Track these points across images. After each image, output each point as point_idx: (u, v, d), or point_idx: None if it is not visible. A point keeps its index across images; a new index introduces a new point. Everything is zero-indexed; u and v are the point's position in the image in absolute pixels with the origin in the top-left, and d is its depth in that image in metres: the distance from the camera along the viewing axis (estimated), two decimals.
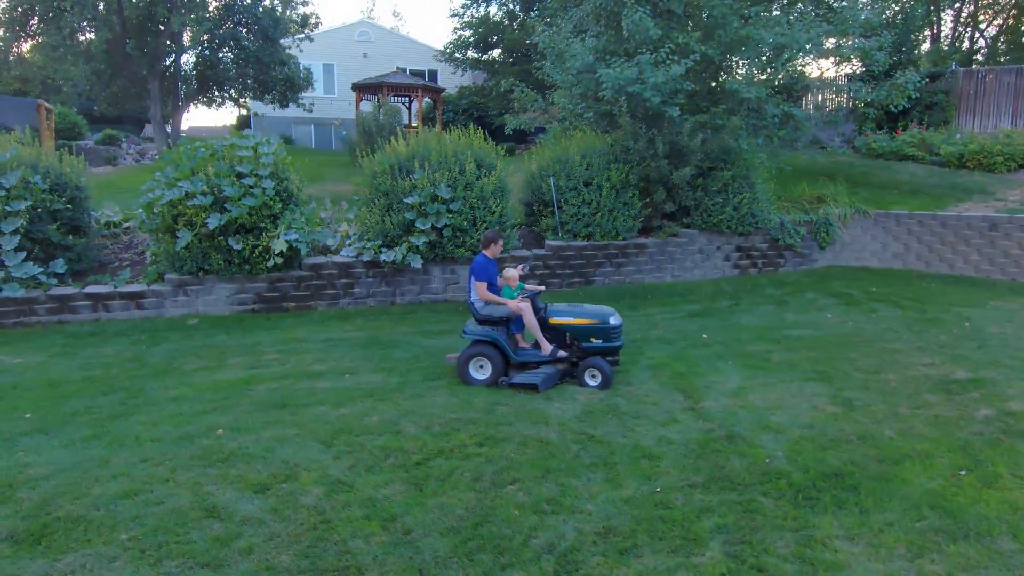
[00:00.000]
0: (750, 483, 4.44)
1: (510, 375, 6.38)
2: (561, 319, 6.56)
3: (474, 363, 6.41)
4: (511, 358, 6.44)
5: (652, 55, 9.90)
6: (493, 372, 6.35)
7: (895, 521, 3.97)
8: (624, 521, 3.99)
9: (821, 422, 5.48)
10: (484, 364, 6.39)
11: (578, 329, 6.49)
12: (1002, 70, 18.43)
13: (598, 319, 6.46)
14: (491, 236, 6.76)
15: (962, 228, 11.90)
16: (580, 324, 6.48)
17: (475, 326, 6.57)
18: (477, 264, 6.57)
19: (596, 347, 6.44)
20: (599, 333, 6.42)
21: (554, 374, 6.37)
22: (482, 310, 6.55)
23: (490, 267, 6.64)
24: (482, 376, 6.39)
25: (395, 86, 20.13)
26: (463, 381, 6.41)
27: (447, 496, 4.27)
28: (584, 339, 6.48)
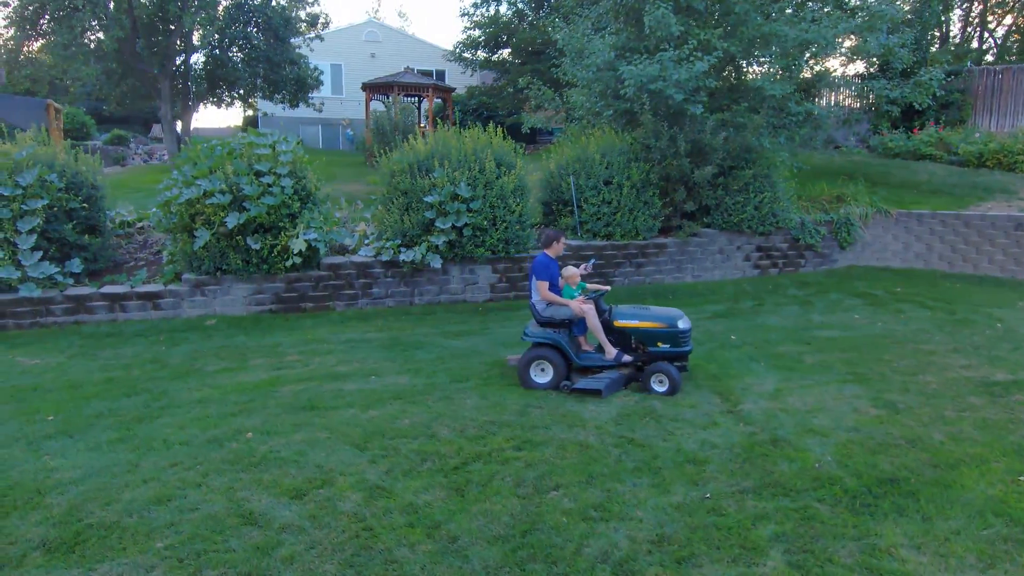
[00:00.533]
0: (802, 489, 4.28)
1: (572, 379, 6.14)
2: (626, 322, 6.26)
3: (535, 366, 6.19)
4: (573, 362, 6.22)
5: (676, 51, 9.75)
6: (555, 376, 6.13)
7: (960, 529, 3.81)
8: (678, 529, 3.84)
9: (866, 425, 5.32)
10: (545, 367, 6.18)
11: (644, 333, 6.18)
12: (1019, 68, 18.24)
13: (666, 323, 6.15)
14: (552, 235, 6.51)
15: (986, 228, 11.73)
16: (646, 327, 6.17)
17: (536, 328, 6.34)
18: (538, 263, 6.35)
19: (663, 352, 6.12)
20: (667, 337, 6.11)
21: (618, 379, 6.12)
22: (544, 312, 6.34)
23: (552, 266, 6.40)
24: (543, 380, 6.18)
25: (406, 85, 20.01)
26: (523, 384, 6.19)
27: (490, 502, 4.13)
28: (650, 343, 6.16)
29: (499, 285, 10.24)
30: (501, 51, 23.69)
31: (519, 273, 10.31)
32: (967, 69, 18.78)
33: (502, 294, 10.27)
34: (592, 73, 10.53)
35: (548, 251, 6.48)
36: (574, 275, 6.51)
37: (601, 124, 11.44)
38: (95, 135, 24.81)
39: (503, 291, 10.27)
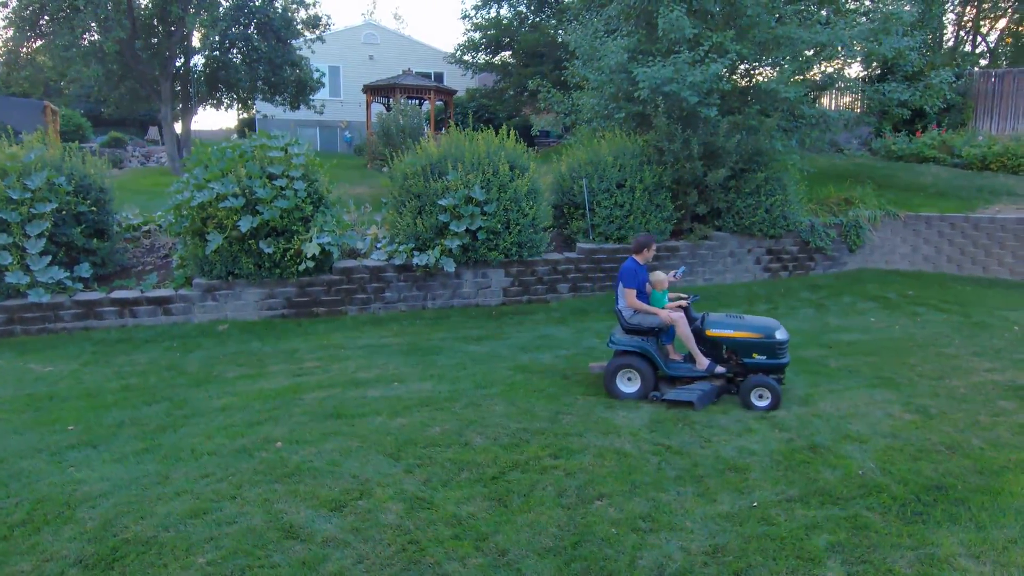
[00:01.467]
0: (850, 496, 4.22)
1: (661, 390, 5.95)
2: (720, 331, 5.98)
3: (622, 375, 6.02)
4: (662, 371, 6.03)
5: (691, 53, 9.71)
6: (643, 385, 5.94)
7: (1018, 538, 3.75)
8: (730, 539, 3.76)
9: (902, 431, 5.27)
10: (633, 376, 5.99)
11: (739, 343, 5.90)
12: (1019, 73, 18.35)
13: (762, 333, 5.85)
14: (644, 240, 6.26)
15: (995, 230, 11.75)
16: (741, 337, 5.89)
17: (623, 336, 6.14)
18: (626, 270, 6.14)
19: (758, 364, 5.83)
20: (763, 348, 5.81)
21: (711, 391, 5.88)
22: (631, 319, 6.14)
23: (640, 273, 6.16)
24: (630, 389, 5.99)
25: (408, 88, 19.91)
26: (610, 394, 6.01)
27: (535, 513, 4.04)
28: (745, 354, 5.89)
29: (512, 289, 10.16)
30: (502, 53, 23.63)
31: (532, 277, 10.24)
32: (967, 72, 18.87)
33: (515, 298, 10.18)
34: (605, 75, 10.47)
35: (637, 257, 6.24)
36: (663, 280, 6.27)
37: (611, 126, 11.38)
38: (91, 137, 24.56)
39: (516, 295, 10.18)
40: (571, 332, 8.66)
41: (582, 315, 9.57)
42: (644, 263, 6.25)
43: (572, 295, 10.50)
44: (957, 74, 18.65)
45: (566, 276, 10.45)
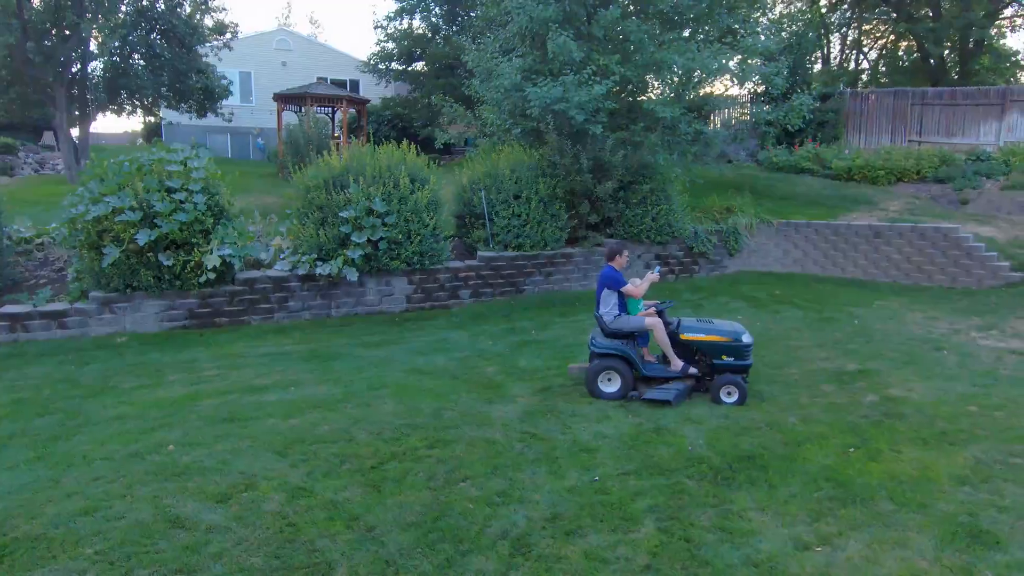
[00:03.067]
0: (676, 468, 4.99)
1: (639, 390, 6.46)
2: (693, 335, 6.56)
3: (603, 377, 6.49)
4: (640, 372, 6.53)
5: (576, 75, 10.53)
6: (623, 386, 6.43)
7: (797, 493, 4.61)
8: (569, 507, 4.43)
9: (736, 413, 6.14)
10: (613, 377, 6.48)
11: (710, 346, 6.48)
12: (883, 92, 20.46)
13: (731, 337, 6.46)
14: (615, 248, 6.91)
15: (851, 235, 13.22)
16: (713, 341, 6.47)
17: (603, 339, 6.61)
18: (609, 276, 6.64)
19: (726, 365, 6.43)
20: (731, 351, 6.41)
21: (684, 390, 6.43)
22: (611, 323, 6.59)
23: (621, 277, 6.72)
24: (611, 390, 6.46)
25: (319, 97, 20.02)
26: (592, 394, 6.48)
27: (404, 495, 4.58)
28: (715, 356, 6.46)
29: (415, 296, 10.65)
30: (416, 64, 24.04)
31: (434, 284, 10.77)
32: (839, 92, 20.83)
33: (418, 305, 10.68)
34: (501, 94, 11.16)
35: (613, 263, 6.81)
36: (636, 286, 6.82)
37: (511, 141, 12.08)
38: None
39: (419, 302, 10.68)
40: (467, 336, 9.24)
41: (480, 320, 10.17)
42: (620, 269, 6.81)
43: (473, 301, 11.10)
44: (828, 93, 20.61)
45: (467, 283, 11.04)
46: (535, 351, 8.40)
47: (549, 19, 10.82)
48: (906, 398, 6.56)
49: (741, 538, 4.07)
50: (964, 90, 19.32)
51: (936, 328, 9.46)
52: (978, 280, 11.60)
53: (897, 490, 4.62)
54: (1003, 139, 18.20)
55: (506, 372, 7.49)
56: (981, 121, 18.68)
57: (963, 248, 11.90)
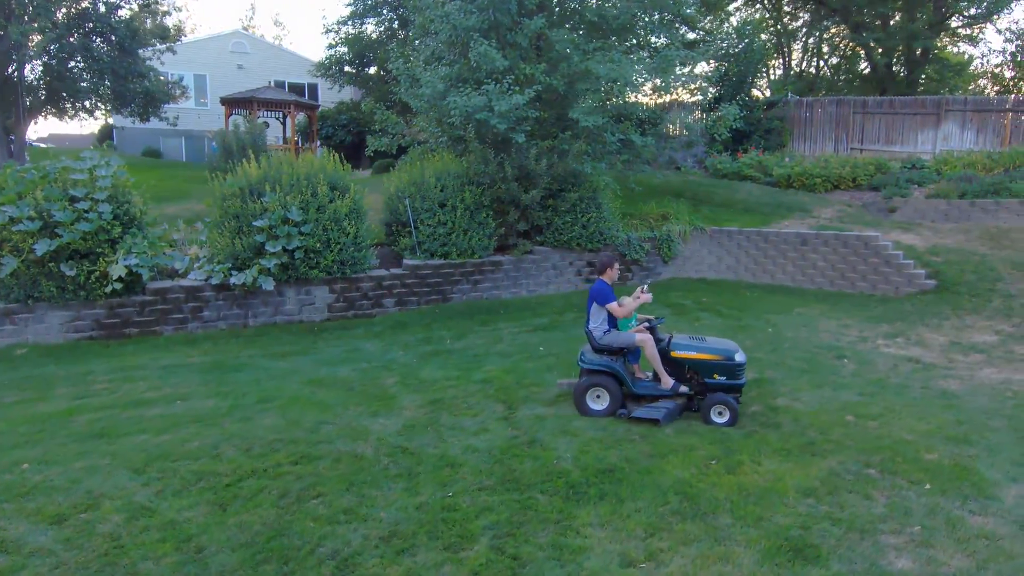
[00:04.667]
0: (533, 483, 5.00)
1: (628, 407, 6.28)
2: (684, 353, 6.34)
3: (591, 393, 6.32)
4: (629, 389, 6.36)
5: (497, 85, 10.55)
6: (611, 403, 6.26)
7: (643, 508, 4.65)
8: (409, 525, 4.42)
9: (615, 425, 6.17)
10: (602, 395, 6.30)
11: (702, 364, 6.27)
12: (826, 100, 20.82)
13: (723, 355, 6.23)
14: (606, 260, 6.62)
15: (780, 243, 13.42)
16: (704, 359, 6.26)
17: (592, 355, 6.43)
18: (599, 290, 6.42)
19: (718, 384, 6.22)
20: (723, 369, 6.21)
21: (675, 409, 6.23)
22: (601, 339, 6.40)
23: (611, 291, 6.48)
24: (599, 407, 6.29)
25: (266, 101, 19.82)
26: (580, 411, 6.32)
27: (248, 514, 4.53)
28: (706, 375, 6.26)
29: (336, 305, 10.58)
30: (368, 68, 23.93)
31: (357, 293, 10.71)
32: (784, 100, 21.15)
33: (340, 313, 10.61)
34: (425, 102, 11.15)
35: (603, 277, 6.59)
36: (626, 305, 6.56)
37: (440, 148, 12.08)
38: None
39: (341, 311, 10.62)
40: (381, 346, 9.21)
41: (401, 329, 10.14)
42: (611, 283, 6.59)
43: (398, 309, 11.06)
44: (772, 101, 20.92)
45: (392, 291, 11.01)
46: (443, 361, 8.39)
47: (472, 28, 10.84)
48: (788, 408, 6.66)
49: (570, 555, 4.09)
50: (902, 99, 19.74)
51: (845, 336, 9.63)
52: (896, 288, 11.84)
53: (740, 504, 4.68)
54: (939, 147, 18.63)
55: (405, 383, 7.46)
56: (919, 130, 19.10)
57: (882, 256, 12.14)
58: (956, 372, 7.97)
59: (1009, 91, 30.49)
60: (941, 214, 14.07)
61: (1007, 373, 7.95)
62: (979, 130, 18.43)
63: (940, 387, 7.40)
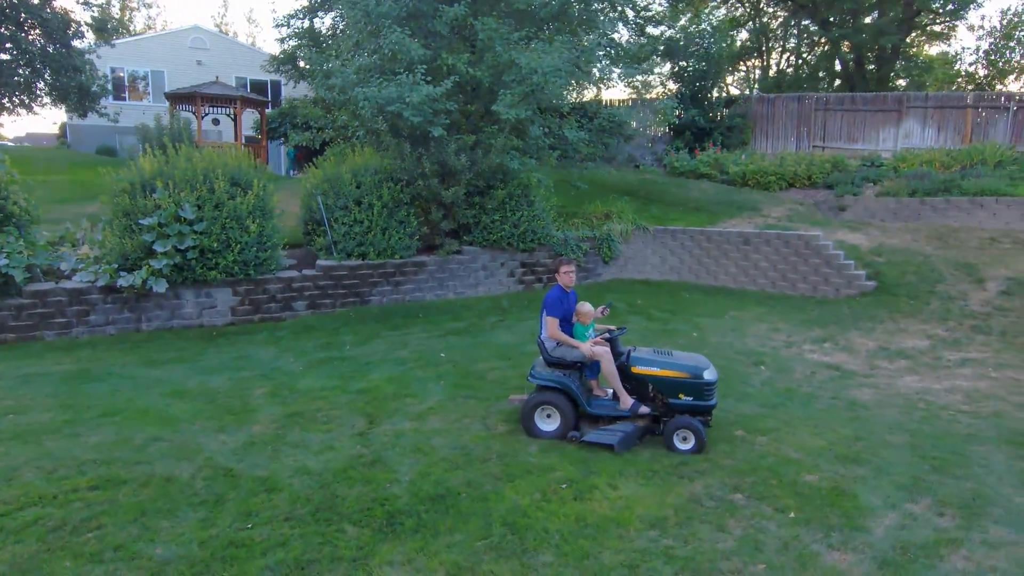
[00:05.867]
0: (349, 512, 4.43)
1: (582, 429, 5.63)
2: (646, 369, 5.64)
3: (540, 412, 5.66)
4: (584, 409, 5.69)
5: (410, 75, 9.98)
6: (562, 424, 5.58)
7: (458, 542, 4.08)
8: (184, 563, 3.84)
9: (476, 442, 5.61)
10: (552, 414, 5.64)
11: (665, 382, 5.57)
12: (787, 97, 20.34)
13: (690, 372, 5.52)
14: (557, 262, 6.01)
15: (723, 243, 12.90)
16: (668, 376, 5.56)
17: (544, 369, 5.76)
18: (550, 297, 5.80)
19: (684, 405, 5.51)
20: (690, 389, 5.49)
21: (633, 432, 5.51)
22: (553, 351, 5.75)
23: (565, 300, 5.82)
24: (549, 428, 5.63)
25: (211, 97, 19.19)
26: (527, 432, 5.65)
27: (3, 552, 3.94)
28: (671, 394, 5.55)
29: (241, 308, 9.98)
30: None
31: (263, 295, 10.11)
32: (746, 97, 20.66)
33: (245, 317, 10.01)
34: (336, 94, 10.56)
35: (559, 281, 5.95)
36: (588, 313, 5.94)
37: (359, 143, 11.50)
38: None
39: (246, 314, 10.02)
40: (275, 352, 8.62)
41: (306, 333, 9.55)
42: (568, 289, 5.95)
43: (310, 312, 10.47)
44: (731, 99, 20.44)
45: (303, 294, 10.41)
46: (329, 369, 7.81)
47: (385, 15, 10.26)
48: None
49: None
50: (864, 96, 19.29)
51: (772, 341, 9.11)
52: (836, 289, 11.33)
53: (571, 538, 4.12)
54: (900, 145, 18.18)
55: (275, 394, 6.88)
56: (880, 127, 18.64)
57: (824, 256, 11.63)
58: (874, 380, 7.46)
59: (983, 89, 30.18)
60: (891, 213, 13.58)
61: (928, 382, 7.44)
62: (940, 127, 17.98)
63: (851, 397, 6.89)
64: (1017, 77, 30.92)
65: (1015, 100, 17.29)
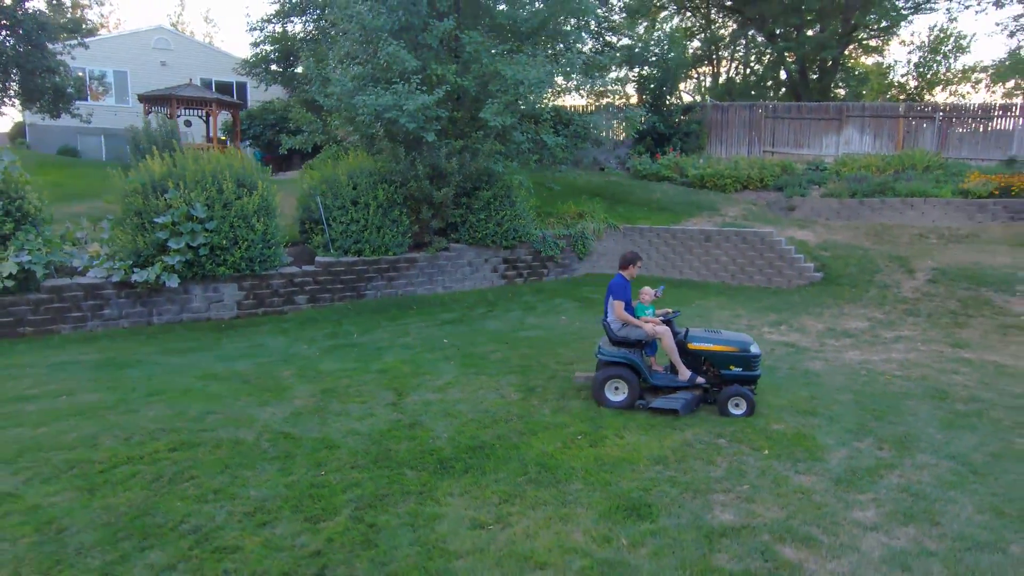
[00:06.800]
0: (405, 461, 5.26)
1: (646, 399, 6.41)
2: (701, 344, 6.48)
3: (610, 385, 6.44)
4: (648, 381, 6.50)
5: (405, 85, 10.77)
6: (630, 394, 6.37)
7: (503, 478, 4.97)
8: (276, 501, 4.61)
9: (496, 407, 6.49)
10: (620, 386, 6.41)
11: (718, 356, 6.41)
12: (740, 105, 21.84)
13: (739, 347, 6.38)
14: (628, 257, 6.84)
15: (687, 239, 14.09)
16: (721, 351, 6.39)
17: (610, 347, 6.59)
18: (615, 284, 6.67)
19: (734, 375, 6.35)
20: (739, 361, 6.34)
21: (692, 400, 6.32)
22: (618, 331, 6.59)
23: (627, 287, 6.70)
24: (618, 398, 6.40)
25: (187, 99, 19.44)
26: (598, 403, 6.43)
27: (116, 497, 4.62)
28: (722, 366, 6.38)
29: (246, 302, 10.58)
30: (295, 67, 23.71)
31: (267, 290, 10.73)
32: (702, 104, 22.09)
33: (249, 311, 10.61)
34: (335, 101, 11.26)
35: (624, 272, 6.80)
36: (649, 294, 6.94)
37: (354, 147, 12.20)
38: None
39: (250, 308, 10.62)
40: (287, 341, 9.28)
41: (310, 325, 10.22)
42: (630, 279, 6.81)
43: (311, 306, 11.13)
44: (689, 106, 21.82)
45: (304, 288, 11.07)
46: (344, 354, 8.55)
47: (381, 28, 11.03)
48: None
49: (424, 522, 4.36)
50: (808, 105, 20.92)
51: (735, 325, 10.25)
52: (788, 280, 12.63)
53: (593, 472, 5.06)
54: (841, 150, 19.84)
55: (301, 375, 7.60)
56: (823, 134, 20.28)
57: (777, 251, 12.93)
58: (824, 355, 8.65)
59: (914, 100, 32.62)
60: (834, 212, 15.04)
61: (868, 355, 8.68)
62: (876, 135, 19.72)
63: (805, 368, 8.04)
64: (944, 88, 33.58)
65: (940, 111, 19.15)
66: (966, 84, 33.71)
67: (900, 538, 4.21)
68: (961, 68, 33.34)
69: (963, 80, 33.22)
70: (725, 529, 4.28)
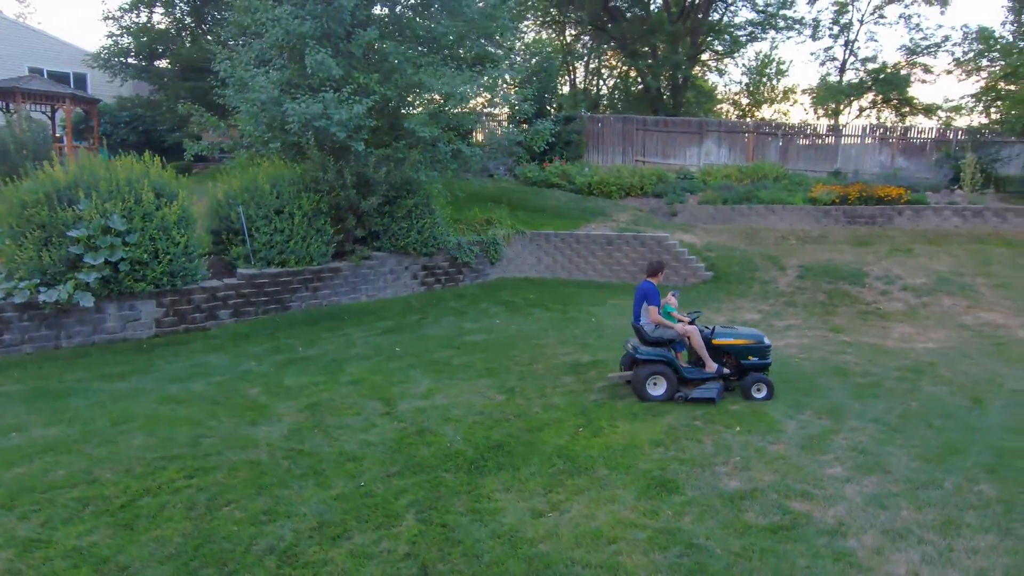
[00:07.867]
0: (435, 464, 5.52)
1: (684, 391, 7.14)
2: (725, 339, 7.43)
3: (650, 381, 7.16)
4: (683, 375, 7.24)
5: (336, 93, 10.66)
6: (668, 388, 7.13)
7: (536, 471, 5.42)
8: (335, 514, 4.70)
9: (489, 408, 6.89)
10: (659, 382, 7.16)
11: (739, 348, 7.36)
12: (615, 118, 23.65)
13: (756, 340, 7.41)
14: (658, 265, 7.71)
15: (590, 243, 15.19)
16: (741, 344, 7.36)
17: (646, 348, 7.32)
18: (650, 290, 7.39)
19: (752, 364, 7.34)
20: (756, 351, 7.37)
21: (721, 389, 7.24)
22: (652, 333, 7.35)
23: (659, 294, 7.46)
24: (657, 392, 7.14)
25: (34, 93, 17.28)
26: (640, 398, 7.14)
27: (161, 530, 4.45)
28: (743, 357, 7.35)
29: (166, 320, 9.90)
30: (159, 61, 21.84)
31: (188, 306, 10.11)
32: (580, 116, 23.60)
33: (170, 328, 9.94)
34: (257, 107, 10.84)
35: (653, 279, 7.56)
36: (671, 301, 7.85)
37: (270, 154, 11.79)
38: None
39: (171, 325, 9.95)
40: (229, 358, 8.89)
41: (243, 340, 9.81)
42: (658, 284, 7.55)
43: (235, 321, 10.63)
44: (570, 116, 23.24)
45: (227, 302, 10.55)
46: (300, 368, 8.42)
47: (306, 34, 10.82)
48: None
49: (489, 516, 4.71)
50: (674, 119, 23.18)
51: None
52: (684, 279, 14.14)
53: (611, 457, 5.67)
54: (702, 161, 22.22)
55: (271, 392, 7.43)
56: (687, 146, 22.58)
57: (672, 253, 14.40)
58: None
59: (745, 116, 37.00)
60: (710, 217, 16.96)
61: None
62: (731, 148, 22.34)
63: None
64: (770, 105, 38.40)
65: (781, 130, 22.16)
66: (786, 103, 38.87)
67: (868, 486, 5.28)
68: (783, 89, 38.36)
69: (784, 100, 38.27)
70: (742, 493, 5.08)
